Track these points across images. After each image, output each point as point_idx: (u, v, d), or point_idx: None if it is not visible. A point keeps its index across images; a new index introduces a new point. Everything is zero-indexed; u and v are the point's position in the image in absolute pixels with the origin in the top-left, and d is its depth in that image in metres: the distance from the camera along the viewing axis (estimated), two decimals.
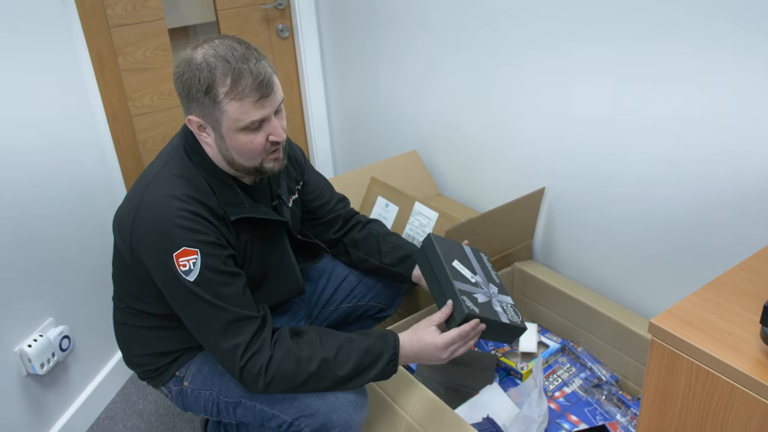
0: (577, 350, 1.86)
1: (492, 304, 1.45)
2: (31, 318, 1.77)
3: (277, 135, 1.34)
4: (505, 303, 1.51)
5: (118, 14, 2.17)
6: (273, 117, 1.33)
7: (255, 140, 1.32)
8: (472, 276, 1.50)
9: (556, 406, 1.73)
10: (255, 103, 1.28)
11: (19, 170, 1.69)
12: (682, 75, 1.48)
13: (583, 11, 1.64)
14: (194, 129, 1.35)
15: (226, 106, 1.27)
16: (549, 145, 1.88)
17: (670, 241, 1.66)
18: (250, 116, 1.28)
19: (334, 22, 2.59)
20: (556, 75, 1.78)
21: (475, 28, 1.97)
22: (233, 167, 1.38)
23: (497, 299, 1.49)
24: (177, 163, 1.37)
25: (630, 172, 1.69)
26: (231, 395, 1.45)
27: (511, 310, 1.50)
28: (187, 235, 1.28)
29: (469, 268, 1.52)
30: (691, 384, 1.01)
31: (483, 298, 1.45)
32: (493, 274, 1.60)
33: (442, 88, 2.19)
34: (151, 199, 1.32)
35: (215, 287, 1.30)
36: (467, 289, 1.43)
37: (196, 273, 1.28)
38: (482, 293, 1.47)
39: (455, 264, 1.48)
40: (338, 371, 1.34)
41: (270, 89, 1.29)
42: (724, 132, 1.45)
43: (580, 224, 1.89)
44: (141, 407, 2.10)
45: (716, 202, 1.52)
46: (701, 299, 1.09)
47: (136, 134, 2.35)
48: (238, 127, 1.29)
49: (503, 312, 1.46)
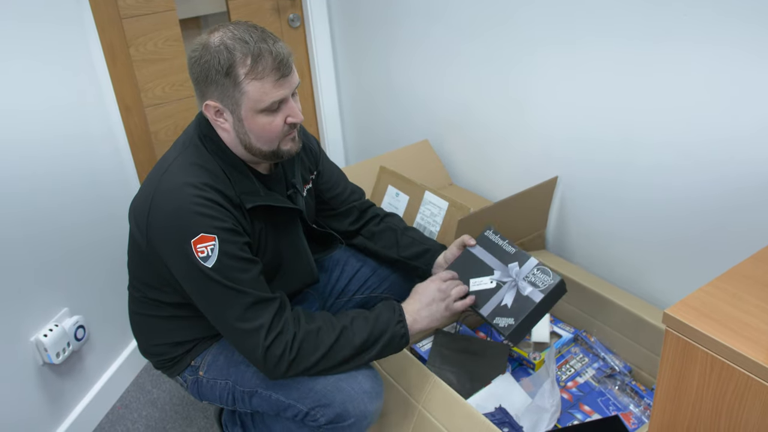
0: (590, 340, 1.86)
1: (521, 290, 1.46)
2: (47, 308, 1.79)
3: (295, 116, 1.35)
4: (531, 273, 1.48)
5: (129, 5, 2.17)
6: (290, 98, 1.35)
7: (274, 122, 1.33)
8: (491, 280, 1.51)
9: (569, 396, 1.72)
10: (275, 82, 1.29)
11: (33, 162, 1.70)
12: (695, 60, 1.47)
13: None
14: (211, 115, 1.35)
15: (246, 86, 1.28)
16: (561, 134, 1.87)
17: (683, 230, 1.65)
18: (271, 96, 1.30)
19: (345, 11, 2.58)
20: (568, 64, 1.77)
21: (489, 18, 1.95)
22: (250, 152, 1.38)
23: (522, 277, 1.48)
24: (192, 151, 1.38)
25: (643, 161, 1.68)
26: (247, 385, 1.46)
27: (540, 274, 1.47)
28: (204, 222, 1.28)
29: (486, 272, 1.52)
30: (706, 375, 1.00)
31: (509, 295, 1.46)
32: (508, 248, 1.54)
33: (455, 78, 2.18)
34: (167, 187, 1.32)
35: (233, 273, 1.30)
36: (493, 305, 1.47)
37: (214, 259, 1.28)
38: (507, 289, 1.48)
39: (471, 284, 1.51)
40: (355, 339, 1.36)
41: (289, 69, 1.32)
42: (738, 117, 1.44)
43: (593, 214, 1.88)
44: (155, 396, 2.11)
45: (731, 189, 1.50)
46: (716, 289, 1.08)
47: (149, 125, 2.36)
48: (258, 108, 1.31)
49: (533, 286, 1.46)
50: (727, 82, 1.43)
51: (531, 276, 1.47)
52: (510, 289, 1.47)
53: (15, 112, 1.64)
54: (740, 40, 1.37)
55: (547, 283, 1.45)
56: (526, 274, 1.48)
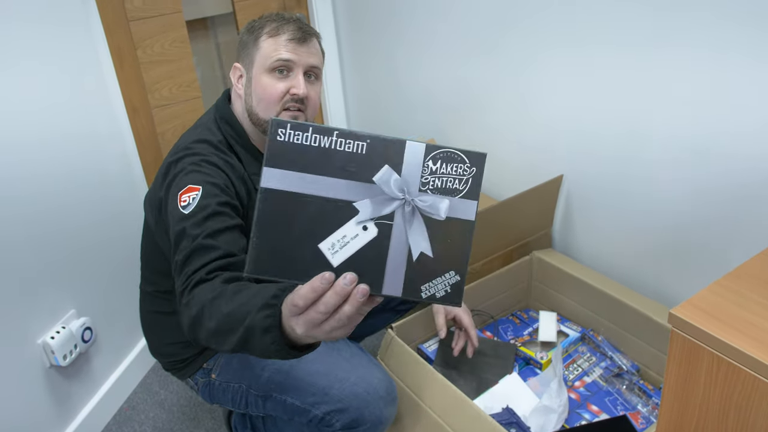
0: (597, 339, 1.85)
1: (427, 211, 0.77)
2: (54, 310, 1.79)
3: (298, 87, 1.39)
4: (426, 170, 0.78)
5: (136, 7, 2.17)
6: (301, 74, 1.39)
7: (276, 85, 1.38)
8: (358, 222, 0.77)
9: (577, 395, 1.72)
10: (288, 42, 1.37)
11: (40, 163, 1.71)
12: (700, 56, 1.46)
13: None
14: (234, 79, 1.46)
15: (262, 42, 1.38)
16: (566, 132, 1.87)
17: (690, 228, 1.64)
18: (279, 53, 1.37)
19: (350, 12, 2.58)
20: (573, 62, 1.76)
21: (495, 16, 1.95)
22: (252, 119, 1.42)
23: (416, 186, 0.78)
24: (207, 133, 1.42)
25: (648, 160, 1.67)
26: (261, 389, 1.46)
27: (445, 165, 0.78)
28: (196, 177, 1.28)
29: (339, 216, 0.77)
30: (713, 375, 1.00)
31: (415, 229, 0.77)
32: (358, 145, 0.78)
33: (460, 77, 2.18)
34: (181, 153, 1.36)
35: (201, 217, 1.21)
36: (396, 265, 0.77)
37: (193, 206, 1.23)
38: (401, 221, 0.77)
39: (326, 250, 0.77)
40: (222, 308, 1.00)
41: (307, 39, 1.40)
42: (745, 113, 1.43)
43: (599, 212, 1.87)
44: (162, 397, 2.12)
45: (738, 185, 1.49)
46: (722, 289, 1.07)
47: (156, 126, 2.36)
48: (266, 65, 1.38)
49: (444, 192, 0.78)
50: (735, 76, 1.42)
51: (430, 176, 0.78)
52: (409, 219, 0.77)
53: (21, 113, 1.65)
54: (746, 35, 1.36)
55: (467, 174, 0.79)
56: (419, 178, 0.78)
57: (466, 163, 0.78)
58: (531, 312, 2.05)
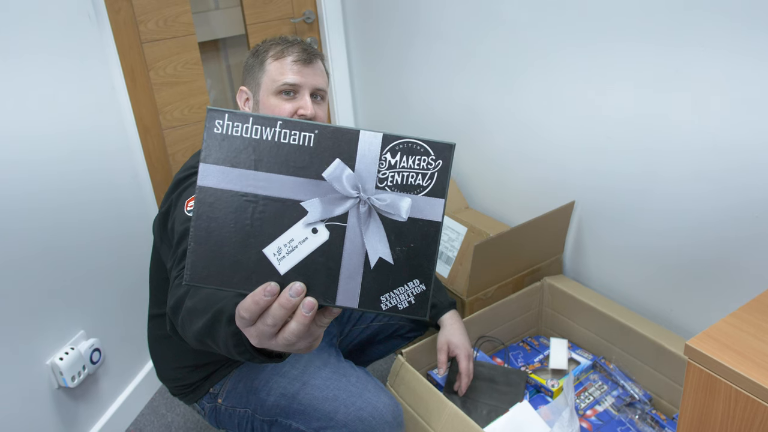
0: (608, 367, 1.83)
1: (385, 210, 0.69)
2: (63, 331, 1.79)
3: (306, 108, 1.41)
4: (383, 164, 0.69)
5: (150, 30, 2.19)
6: (308, 95, 1.42)
7: (283, 106, 1.41)
8: (306, 225, 0.69)
9: (588, 425, 1.69)
10: (293, 63, 1.39)
11: (51, 183, 1.72)
12: (717, 83, 1.46)
13: (616, 12, 1.62)
14: (241, 102, 1.49)
15: (268, 66, 1.41)
16: (578, 157, 1.86)
17: (704, 256, 1.62)
18: (286, 77, 1.39)
19: (362, 35, 2.60)
20: (586, 85, 1.76)
21: (503, 37, 1.95)
22: None
23: (372, 184, 0.69)
24: None
25: (662, 185, 1.66)
26: (267, 414, 1.45)
27: (407, 156, 0.69)
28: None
29: (285, 218, 0.69)
30: (730, 409, 0.98)
31: (372, 231, 0.69)
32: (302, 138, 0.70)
33: (470, 101, 2.18)
34: (191, 170, 1.37)
35: None
36: (351, 273, 0.69)
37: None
38: (356, 222, 0.69)
39: (270, 255, 0.69)
40: (197, 320, 0.94)
41: (312, 60, 1.42)
42: (764, 144, 1.42)
43: (611, 238, 1.86)
44: (169, 420, 2.11)
45: (755, 216, 1.48)
46: (739, 320, 1.06)
47: (167, 147, 2.37)
48: (273, 88, 1.40)
49: (404, 189, 0.69)
50: (755, 106, 1.41)
51: (388, 171, 0.69)
52: (364, 221, 0.69)
53: (36, 133, 1.66)
54: (764, 67, 1.36)
55: (431, 168, 0.69)
56: (376, 173, 0.69)
57: (431, 155, 0.69)
58: (542, 339, 2.03)
